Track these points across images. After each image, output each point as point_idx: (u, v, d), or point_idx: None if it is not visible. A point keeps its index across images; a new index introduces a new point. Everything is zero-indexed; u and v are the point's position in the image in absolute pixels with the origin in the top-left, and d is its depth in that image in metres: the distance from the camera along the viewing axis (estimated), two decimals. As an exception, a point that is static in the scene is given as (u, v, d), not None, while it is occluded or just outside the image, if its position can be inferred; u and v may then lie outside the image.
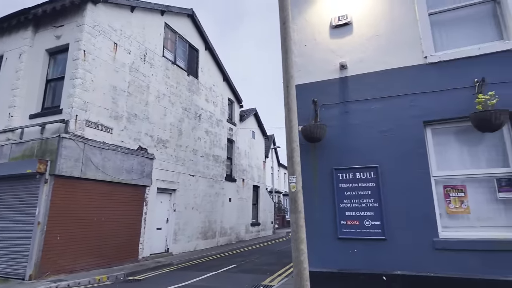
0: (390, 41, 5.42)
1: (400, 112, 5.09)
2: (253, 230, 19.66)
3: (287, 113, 4.36)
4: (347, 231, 4.99)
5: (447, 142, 4.95)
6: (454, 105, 4.81)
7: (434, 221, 4.60)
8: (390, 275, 4.60)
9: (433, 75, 5.04)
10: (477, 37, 5.16)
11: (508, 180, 4.51)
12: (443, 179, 4.83)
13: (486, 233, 4.44)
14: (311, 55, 5.96)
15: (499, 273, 4.15)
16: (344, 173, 5.25)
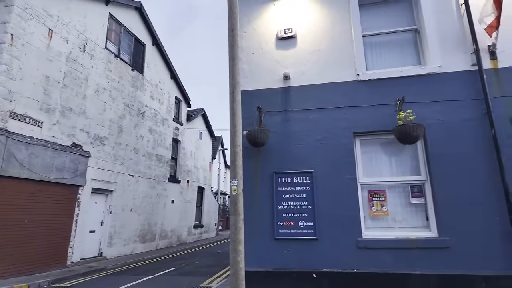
0: (329, 57, 5.90)
1: (334, 123, 5.56)
2: (196, 232, 19.39)
3: (232, 117, 4.49)
4: (283, 232, 5.28)
5: (372, 152, 5.55)
6: (380, 119, 5.42)
7: (358, 222, 5.11)
8: (320, 273, 4.99)
9: (363, 91, 5.61)
10: (401, 60, 5.89)
11: (419, 186, 5.23)
12: (368, 184, 5.40)
13: (401, 233, 5.07)
14: (258, 63, 6.19)
15: (409, 268, 4.78)
16: (283, 177, 5.55)
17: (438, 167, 5.05)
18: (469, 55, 5.35)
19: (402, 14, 6.12)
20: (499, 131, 4.90)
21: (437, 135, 5.15)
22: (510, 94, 5.06)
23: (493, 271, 4.52)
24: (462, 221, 4.77)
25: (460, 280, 4.57)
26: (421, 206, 5.18)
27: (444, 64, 5.40)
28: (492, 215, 4.71)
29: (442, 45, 5.50)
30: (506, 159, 4.78)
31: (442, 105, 5.24)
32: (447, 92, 5.28)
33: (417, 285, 4.66)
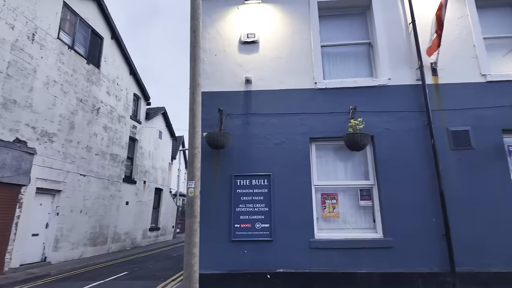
0: (289, 64, 6.10)
1: (292, 128, 5.76)
2: (152, 235, 18.73)
3: (192, 119, 4.46)
4: (240, 234, 5.33)
5: (327, 157, 5.83)
6: (334, 126, 5.72)
7: (312, 224, 5.33)
8: (274, 273, 5.11)
9: (320, 99, 5.88)
10: (355, 71, 6.28)
11: (367, 190, 5.59)
12: (322, 187, 5.66)
13: (350, 234, 5.38)
14: (220, 65, 6.21)
15: (356, 267, 5.08)
16: (242, 179, 5.61)
17: (384, 173, 5.44)
18: (415, 70, 5.85)
19: (358, 28, 6.53)
20: (437, 141, 5.42)
21: (384, 143, 5.56)
22: (447, 108, 5.62)
23: (429, 269, 4.97)
24: (404, 223, 5.18)
25: (400, 277, 4.96)
26: (369, 209, 5.54)
27: (393, 77, 5.85)
28: (429, 217, 5.18)
29: (392, 60, 5.96)
30: (443, 167, 5.30)
31: (390, 116, 5.67)
32: (395, 103, 5.72)
33: (362, 283, 4.97)
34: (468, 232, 5.04)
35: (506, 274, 4.85)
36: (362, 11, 6.56)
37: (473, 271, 4.89)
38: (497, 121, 5.48)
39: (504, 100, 5.56)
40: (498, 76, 5.70)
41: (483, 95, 5.62)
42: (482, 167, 5.30)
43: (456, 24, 6.01)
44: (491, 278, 4.85)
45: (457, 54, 5.87)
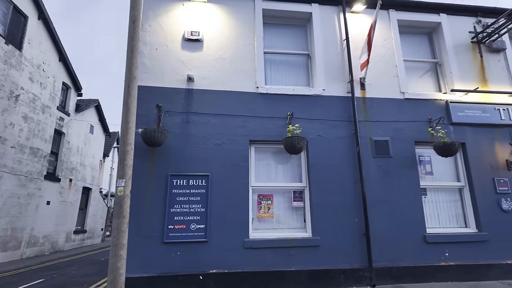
0: (232, 66, 6.17)
1: (233, 129, 5.83)
2: (77, 239, 17.08)
3: (125, 113, 4.22)
4: (173, 235, 5.19)
5: (265, 159, 6.02)
6: (273, 130, 5.94)
7: (247, 224, 5.44)
8: (207, 274, 5.09)
9: (261, 103, 6.06)
10: (295, 80, 6.61)
11: (300, 192, 5.91)
12: (258, 188, 5.82)
13: (282, 234, 5.61)
14: (161, 60, 6.00)
15: (286, 265, 5.32)
16: (179, 179, 5.48)
17: (315, 176, 5.82)
18: (346, 83, 6.39)
19: (299, 39, 6.89)
20: (362, 149, 5.98)
21: (317, 148, 5.95)
22: (372, 119, 6.24)
23: (350, 265, 5.44)
24: (330, 223, 5.60)
25: (326, 274, 5.33)
26: (300, 210, 5.86)
27: (327, 88, 6.31)
28: (352, 218, 5.68)
29: (327, 72, 6.42)
30: (365, 172, 5.87)
31: (322, 123, 6.09)
32: (327, 112, 6.17)
33: (291, 280, 5.23)
34: (383, 231, 5.65)
35: (413, 268, 5.54)
36: (303, 24, 6.95)
37: (386, 266, 5.49)
38: (411, 134, 6.26)
39: (417, 115, 6.39)
40: (414, 94, 6.53)
41: (401, 110, 6.38)
42: (397, 174, 6.01)
43: (382, 46, 6.74)
44: (401, 272, 5.51)
45: (382, 72, 6.58)
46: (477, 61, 6.95)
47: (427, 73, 7.13)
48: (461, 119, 6.40)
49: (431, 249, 5.70)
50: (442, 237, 5.78)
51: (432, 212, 6.14)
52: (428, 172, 6.32)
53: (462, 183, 6.29)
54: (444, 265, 5.63)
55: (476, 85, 6.67)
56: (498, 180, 6.16)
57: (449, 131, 6.28)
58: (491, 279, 5.65)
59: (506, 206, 6.04)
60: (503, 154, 6.34)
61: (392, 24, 6.92)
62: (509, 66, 6.98)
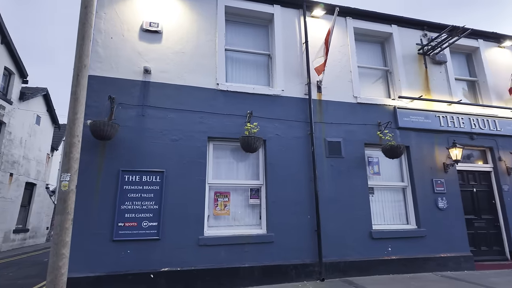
0: (192, 61, 6.07)
1: (191, 125, 5.74)
2: (17, 238, 15.65)
3: (73, 103, 3.97)
4: (124, 233, 4.99)
5: (223, 156, 6.02)
6: (232, 128, 5.95)
7: (202, 221, 5.40)
8: (158, 273, 4.96)
9: (221, 100, 6.04)
10: (255, 79, 6.68)
11: (257, 190, 6.00)
12: (216, 186, 5.80)
13: (238, 231, 5.66)
14: (116, 50, 5.72)
15: (240, 262, 5.37)
16: (131, 175, 5.27)
17: (272, 174, 5.94)
18: (304, 85, 6.59)
19: (261, 39, 6.97)
20: (316, 149, 6.22)
21: (274, 147, 6.07)
22: (327, 121, 6.52)
23: (302, 260, 5.63)
24: (284, 220, 5.75)
25: (278, 269, 5.47)
26: (257, 207, 5.95)
27: (286, 89, 6.47)
28: (305, 215, 5.89)
29: (286, 73, 6.58)
30: (319, 171, 6.12)
31: (281, 123, 6.23)
32: (285, 113, 6.32)
33: (245, 276, 5.29)
34: (333, 227, 5.93)
35: (359, 262, 5.89)
36: (265, 24, 7.04)
37: (335, 261, 5.77)
38: (361, 136, 6.64)
39: (368, 119, 6.79)
40: (365, 99, 6.92)
41: (353, 114, 6.74)
42: (348, 173, 6.34)
43: (339, 51, 7.06)
44: (348, 266, 5.82)
45: (338, 76, 6.90)
46: (422, 71, 7.56)
47: (379, 79, 7.61)
48: (407, 124, 6.93)
49: (376, 245, 6.10)
50: (386, 233, 6.21)
51: (378, 210, 6.58)
52: (376, 172, 6.76)
53: (406, 183, 6.81)
54: (387, 259, 6.06)
55: (420, 93, 7.26)
56: (436, 181, 6.77)
57: (395, 135, 6.76)
58: (427, 271, 6.20)
59: (442, 205, 6.65)
60: (441, 158, 6.97)
61: (349, 31, 7.28)
62: (449, 78, 7.69)
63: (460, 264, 6.41)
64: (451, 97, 7.52)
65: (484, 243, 7.00)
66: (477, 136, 7.37)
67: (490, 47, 8.37)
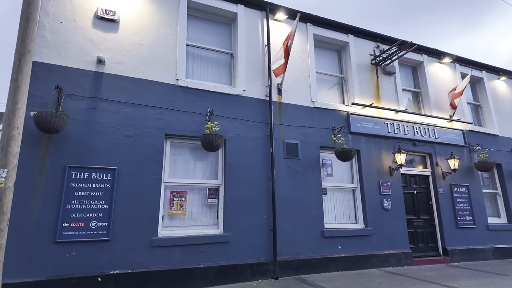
0: (151, 54, 5.82)
1: (147, 121, 5.50)
2: None
3: (13, 92, 3.60)
4: (69, 234, 4.62)
5: (181, 155, 5.86)
6: (191, 125, 5.82)
7: (156, 221, 5.20)
8: (107, 276, 4.68)
9: (180, 96, 5.88)
10: (217, 77, 6.61)
11: (215, 189, 5.94)
12: (172, 185, 5.63)
13: (194, 231, 5.55)
14: (66, 36, 5.28)
15: (196, 263, 5.27)
16: (79, 172, 4.90)
17: (231, 174, 5.93)
18: (265, 87, 6.68)
19: (224, 37, 6.92)
20: (275, 150, 6.34)
21: (234, 147, 6.07)
22: (285, 123, 6.68)
23: (257, 259, 5.71)
24: (242, 219, 5.78)
25: (233, 269, 5.48)
26: (214, 207, 5.89)
27: (247, 89, 6.50)
28: (262, 214, 5.97)
29: (248, 74, 6.61)
30: (276, 172, 6.24)
31: (241, 123, 6.24)
32: (246, 113, 6.35)
33: (199, 277, 5.21)
34: (288, 227, 6.10)
35: (311, 260, 6.13)
36: (229, 22, 7.00)
37: (289, 259, 5.94)
38: (317, 139, 6.92)
39: (323, 123, 7.09)
40: (322, 104, 7.22)
41: (310, 117, 6.99)
42: (304, 174, 6.56)
43: (299, 56, 7.27)
44: (301, 264, 6.03)
45: (297, 80, 7.10)
46: (374, 80, 8.10)
47: (335, 86, 7.98)
48: (358, 129, 7.36)
49: (327, 243, 6.40)
50: (337, 232, 6.54)
51: (330, 210, 6.90)
52: (329, 174, 7.09)
53: (355, 185, 7.24)
54: (337, 256, 6.39)
55: (372, 101, 7.76)
56: (382, 183, 7.29)
57: (348, 139, 7.15)
58: (372, 267, 6.65)
59: (387, 205, 7.19)
60: (387, 162, 7.52)
61: (309, 37, 7.53)
62: (397, 88, 8.33)
63: (401, 260, 6.98)
64: (398, 106, 8.16)
65: (421, 241, 7.70)
66: (419, 143, 8.08)
67: (432, 62, 9.23)
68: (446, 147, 8.41)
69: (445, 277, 5.97)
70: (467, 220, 8.08)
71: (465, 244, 7.88)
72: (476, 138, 8.96)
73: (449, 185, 8.15)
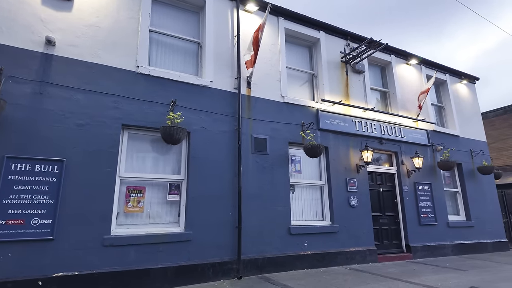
0: (110, 38, 5.38)
1: (102, 109, 5.06)
2: None
3: None
4: (4, 233, 4.10)
5: (140, 147, 5.45)
6: (153, 116, 5.44)
7: (109, 219, 4.78)
8: (49, 279, 4.21)
9: (141, 85, 5.48)
10: (183, 66, 6.26)
11: (177, 185, 5.59)
12: (129, 180, 5.22)
13: (152, 229, 5.17)
14: (10, 12, 4.73)
15: (153, 263, 4.91)
16: (20, 163, 4.38)
17: (195, 168, 5.62)
18: (234, 79, 6.43)
19: (191, 25, 6.58)
20: (243, 144, 6.11)
21: (199, 140, 5.76)
22: (254, 118, 6.46)
23: (220, 258, 5.43)
24: (205, 217, 5.48)
25: (194, 269, 5.17)
26: (176, 203, 5.54)
27: (215, 81, 6.21)
28: (227, 211, 5.71)
29: (216, 65, 6.32)
30: (243, 167, 6.01)
31: (207, 115, 5.95)
32: (213, 105, 6.06)
33: (156, 278, 4.86)
34: (254, 224, 5.89)
35: (276, 258, 5.95)
36: (196, 10, 6.68)
37: (253, 257, 5.72)
38: (286, 135, 6.77)
39: (293, 119, 6.95)
40: (292, 99, 7.08)
41: (280, 112, 6.83)
42: (272, 170, 6.38)
43: (270, 49, 7.09)
44: (266, 262, 5.83)
45: (267, 74, 6.91)
46: (344, 78, 8.10)
47: (305, 82, 7.89)
48: (327, 126, 7.31)
49: (294, 240, 6.26)
50: (303, 229, 6.42)
51: (297, 207, 6.78)
52: (297, 170, 6.97)
53: (323, 182, 7.17)
54: (303, 254, 6.26)
55: (341, 98, 7.75)
56: (349, 180, 7.28)
57: (316, 136, 7.07)
58: (338, 265, 6.60)
59: (353, 202, 7.19)
60: (354, 159, 7.54)
61: (280, 31, 7.38)
62: (366, 87, 8.40)
63: (366, 257, 7.00)
64: (366, 104, 8.22)
65: (386, 238, 7.79)
66: (386, 141, 8.19)
67: (400, 63, 9.43)
68: (411, 146, 8.60)
69: (408, 273, 6.03)
70: (429, 217, 8.30)
71: (427, 240, 8.08)
72: (439, 138, 9.26)
73: (413, 183, 8.34)
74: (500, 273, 6.25)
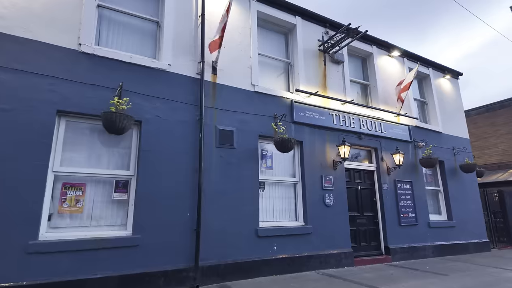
0: (46, 11, 4.62)
1: (34, 92, 4.31)
2: None
3: None
4: None
5: (80, 138, 4.71)
6: (97, 102, 4.70)
7: (38, 221, 4.05)
8: (-47, 295, 3.46)
9: (83, 66, 4.74)
10: (139, 48, 5.54)
11: (125, 182, 4.89)
12: (65, 176, 4.48)
13: (92, 232, 4.46)
14: None
15: (90, 272, 4.20)
16: None
17: (147, 163, 4.92)
18: (197, 64, 5.75)
19: (149, 2, 5.85)
20: (205, 137, 5.46)
21: (152, 131, 5.07)
22: (219, 107, 5.81)
23: (174, 266, 4.76)
24: (158, 218, 4.81)
25: (141, 278, 4.49)
26: (123, 203, 4.84)
27: (174, 64, 5.52)
28: (185, 212, 5.05)
29: (176, 47, 5.63)
30: (206, 162, 5.36)
31: (163, 103, 5.26)
32: (171, 91, 5.38)
33: (92, 290, 4.16)
34: (217, 225, 5.25)
35: (241, 264, 5.32)
36: (156, -14, 5.96)
37: (214, 263, 5.08)
38: (256, 127, 6.14)
39: (264, 110, 6.33)
40: (264, 89, 6.46)
41: (250, 102, 6.19)
42: (239, 166, 5.75)
43: (239, 33, 6.44)
44: (228, 269, 5.20)
45: (236, 60, 6.26)
46: (321, 68, 7.53)
47: (280, 71, 7.28)
48: (302, 119, 6.72)
49: (262, 243, 5.65)
50: (273, 231, 5.82)
51: (267, 206, 6.18)
52: (269, 166, 6.37)
53: (297, 179, 6.59)
54: (272, 258, 5.66)
55: (318, 89, 7.18)
56: (325, 178, 6.72)
57: (290, 129, 6.48)
58: (310, 269, 6.03)
59: (329, 201, 6.64)
60: (331, 155, 6.98)
61: (252, 14, 6.73)
62: (345, 78, 7.86)
63: (341, 260, 6.46)
64: (345, 97, 7.68)
65: (364, 239, 7.29)
66: (365, 136, 7.68)
67: (382, 54, 8.93)
68: (392, 142, 8.12)
69: (384, 279, 5.52)
70: (409, 217, 7.86)
71: (407, 242, 7.63)
72: (421, 134, 8.83)
73: (394, 181, 7.87)
74: (482, 277, 5.82)
